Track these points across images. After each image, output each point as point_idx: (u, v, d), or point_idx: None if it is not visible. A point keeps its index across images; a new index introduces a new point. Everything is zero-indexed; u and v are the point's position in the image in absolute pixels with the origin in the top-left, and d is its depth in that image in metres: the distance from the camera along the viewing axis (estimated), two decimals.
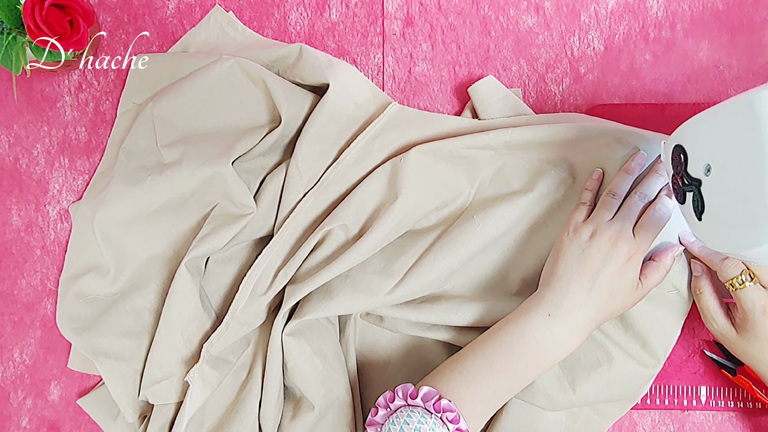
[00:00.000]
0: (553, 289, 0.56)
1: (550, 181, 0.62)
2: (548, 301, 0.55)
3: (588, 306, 0.55)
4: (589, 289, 0.55)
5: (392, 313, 0.62)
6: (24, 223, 0.68)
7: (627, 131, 0.61)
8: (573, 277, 0.55)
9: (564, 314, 0.54)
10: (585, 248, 0.56)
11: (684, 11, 0.68)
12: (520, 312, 0.56)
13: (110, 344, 0.63)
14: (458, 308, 0.61)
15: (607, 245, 0.55)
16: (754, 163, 0.43)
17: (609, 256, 0.55)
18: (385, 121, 0.65)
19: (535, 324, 0.55)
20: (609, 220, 0.57)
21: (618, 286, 0.55)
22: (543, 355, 0.55)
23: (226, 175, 0.61)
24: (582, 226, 0.57)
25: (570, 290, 0.55)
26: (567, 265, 0.56)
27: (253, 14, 0.69)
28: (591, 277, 0.55)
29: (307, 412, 0.61)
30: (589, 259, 0.55)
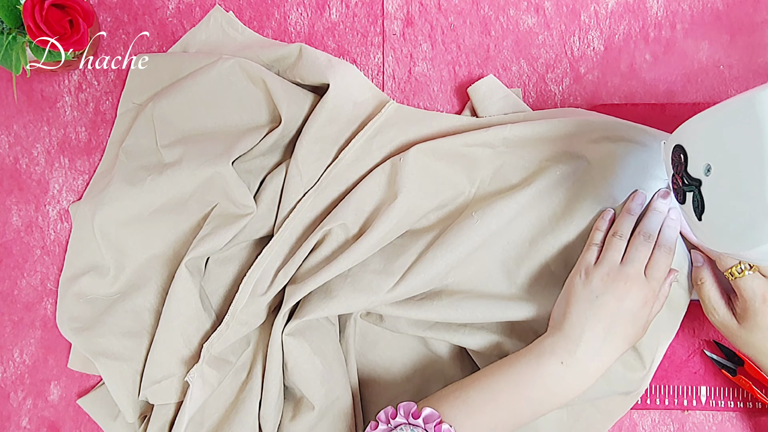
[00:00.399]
0: (566, 336, 0.54)
1: (550, 177, 0.61)
2: (561, 348, 0.54)
3: (602, 353, 0.54)
4: (604, 338, 0.54)
5: (392, 312, 0.62)
6: (24, 223, 0.68)
7: (625, 125, 0.61)
8: (587, 325, 0.54)
9: (577, 363, 0.54)
10: (599, 294, 0.55)
11: (684, 11, 0.68)
12: (532, 354, 0.55)
13: (110, 344, 0.63)
14: (458, 304, 0.61)
15: (621, 291, 0.54)
16: (754, 163, 0.43)
17: (624, 303, 0.54)
18: (383, 120, 0.65)
19: (547, 371, 0.54)
20: (620, 262, 0.56)
21: (632, 331, 0.55)
22: (551, 399, 0.54)
23: (226, 175, 0.61)
24: (594, 270, 0.56)
25: (584, 339, 0.54)
26: (581, 312, 0.55)
27: (253, 14, 0.69)
28: (606, 326, 0.54)
29: (307, 412, 0.61)
30: (603, 306, 0.54)
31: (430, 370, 0.65)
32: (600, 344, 0.54)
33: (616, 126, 0.61)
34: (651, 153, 0.60)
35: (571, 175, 0.62)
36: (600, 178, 0.61)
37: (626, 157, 0.60)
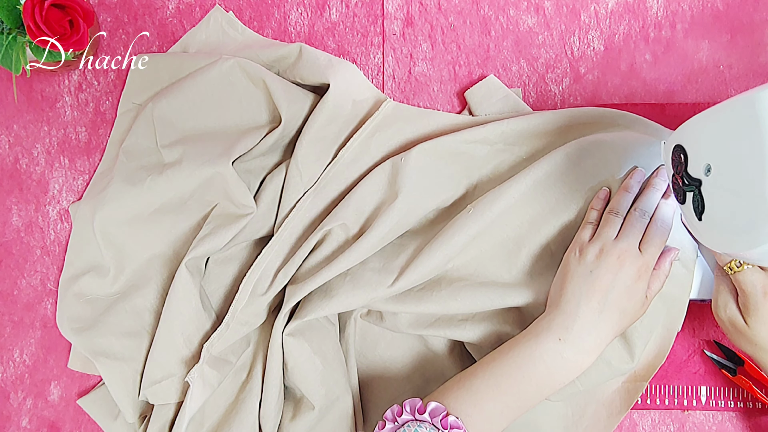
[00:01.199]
0: (563, 312, 0.55)
1: (547, 165, 0.61)
2: (558, 324, 0.55)
3: (599, 328, 0.54)
4: (600, 311, 0.54)
5: (392, 308, 0.61)
6: (24, 223, 0.68)
7: (621, 115, 0.62)
8: (582, 299, 0.55)
9: (574, 338, 0.54)
10: (593, 269, 0.55)
11: (684, 11, 0.68)
12: (530, 334, 0.56)
13: (110, 344, 0.63)
14: (458, 294, 0.60)
15: (615, 265, 0.55)
16: (754, 163, 0.43)
17: (618, 276, 0.55)
18: (381, 118, 0.66)
19: (545, 348, 0.54)
20: (614, 238, 0.56)
21: (628, 304, 0.55)
22: (552, 377, 0.54)
23: (226, 175, 0.61)
24: (588, 246, 0.57)
25: (580, 313, 0.54)
26: (576, 287, 0.55)
27: (253, 14, 0.69)
28: (601, 299, 0.54)
29: (308, 412, 0.61)
30: (597, 280, 0.55)
31: (430, 370, 0.65)
32: (596, 317, 0.54)
33: (613, 114, 0.62)
34: (648, 138, 0.61)
35: (568, 162, 0.61)
36: (599, 162, 0.60)
37: (624, 143, 0.60)
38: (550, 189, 0.61)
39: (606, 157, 0.60)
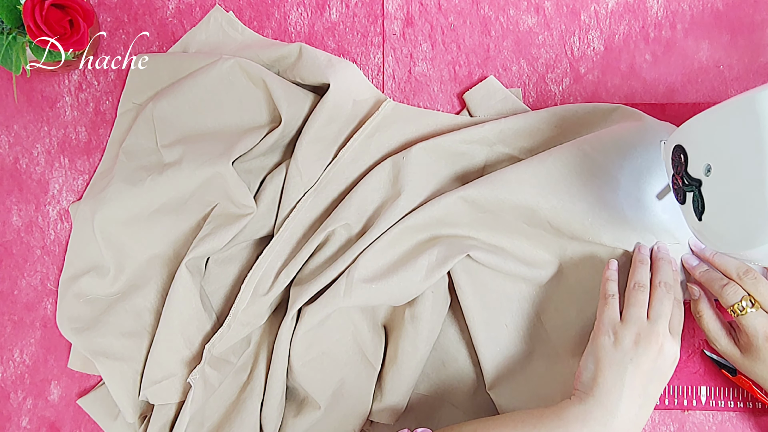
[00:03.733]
0: (602, 406, 0.51)
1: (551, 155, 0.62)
2: (596, 420, 0.50)
3: (637, 423, 0.51)
4: (640, 405, 0.51)
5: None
6: (24, 223, 0.68)
7: (614, 108, 0.62)
8: (624, 392, 0.51)
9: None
10: (633, 357, 0.52)
11: (684, 11, 0.68)
12: (561, 419, 0.51)
13: (110, 344, 0.63)
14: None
15: (655, 352, 0.52)
16: (754, 163, 0.43)
17: (658, 364, 0.52)
18: (381, 118, 0.66)
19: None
20: (646, 318, 0.54)
21: (660, 390, 0.53)
22: None
23: (226, 175, 0.61)
24: (623, 330, 0.53)
25: (621, 408, 0.51)
26: (615, 378, 0.51)
27: (253, 14, 0.69)
28: (642, 392, 0.51)
29: (313, 411, 0.61)
30: (638, 369, 0.51)
31: (442, 378, 0.65)
32: (636, 412, 0.51)
33: (607, 108, 0.63)
34: (643, 128, 0.61)
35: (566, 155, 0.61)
36: (599, 156, 0.60)
37: (620, 134, 0.61)
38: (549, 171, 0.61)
39: (605, 154, 0.60)
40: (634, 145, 0.60)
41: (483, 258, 0.59)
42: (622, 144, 0.60)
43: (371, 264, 0.60)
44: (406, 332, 0.61)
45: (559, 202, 0.59)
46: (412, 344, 0.61)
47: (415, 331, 0.61)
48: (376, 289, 0.59)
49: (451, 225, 0.61)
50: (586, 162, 0.60)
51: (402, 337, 0.61)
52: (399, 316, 0.63)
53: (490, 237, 0.61)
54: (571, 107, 0.64)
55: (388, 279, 0.59)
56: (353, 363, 0.62)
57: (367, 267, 0.60)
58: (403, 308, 0.62)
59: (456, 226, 0.61)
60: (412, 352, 0.61)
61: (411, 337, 0.61)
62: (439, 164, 0.64)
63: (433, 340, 0.62)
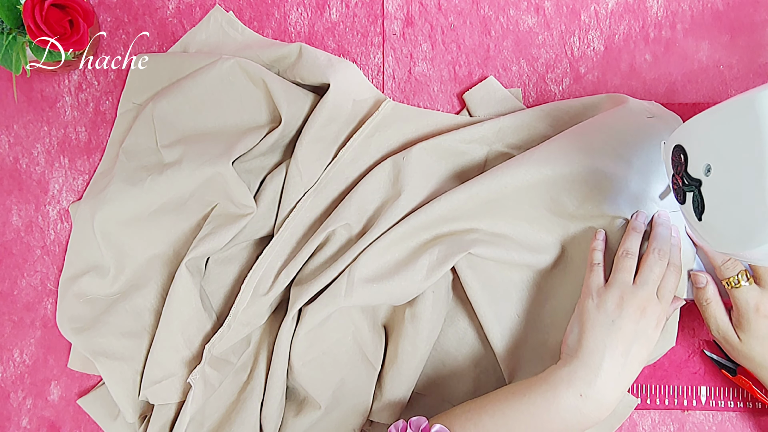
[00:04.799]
0: (585, 365, 0.52)
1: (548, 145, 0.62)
2: (580, 378, 0.52)
3: (620, 382, 0.52)
4: (623, 365, 0.52)
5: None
6: (24, 223, 0.68)
7: (609, 97, 0.63)
8: (606, 352, 0.52)
9: (596, 394, 0.52)
10: (615, 319, 0.53)
11: (684, 11, 0.68)
12: (548, 383, 0.53)
13: (110, 344, 0.63)
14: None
15: (637, 314, 0.53)
16: (754, 164, 0.43)
17: (641, 326, 0.53)
18: (380, 118, 0.66)
19: (565, 403, 0.52)
20: (632, 283, 0.55)
21: (645, 353, 0.54)
22: (567, 430, 0.53)
23: (226, 175, 0.61)
24: (606, 293, 0.55)
25: (603, 367, 0.52)
26: (598, 338, 0.53)
27: (253, 14, 0.69)
28: (624, 352, 0.52)
29: (313, 411, 0.61)
30: (620, 331, 0.53)
31: (442, 377, 0.65)
32: (619, 371, 0.52)
33: (603, 99, 0.64)
34: (637, 116, 0.62)
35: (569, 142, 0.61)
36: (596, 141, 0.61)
37: (617, 123, 0.61)
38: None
39: (604, 141, 0.60)
40: (641, 137, 0.60)
41: (485, 252, 0.59)
42: (628, 138, 0.60)
43: (372, 264, 0.60)
44: (406, 332, 0.61)
45: (563, 168, 0.59)
46: (412, 344, 0.61)
47: (415, 330, 0.61)
48: (377, 289, 0.59)
49: (452, 220, 0.61)
50: (590, 155, 0.60)
51: (402, 337, 0.61)
52: (399, 315, 0.63)
53: (492, 225, 0.61)
54: (569, 103, 0.65)
55: (389, 279, 0.59)
56: (353, 363, 0.62)
57: (368, 267, 0.60)
58: (403, 308, 0.62)
59: (457, 220, 0.61)
60: (413, 351, 0.61)
61: (411, 337, 0.61)
62: (440, 164, 0.64)
63: (434, 339, 0.62)
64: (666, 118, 0.62)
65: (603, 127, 0.61)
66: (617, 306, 0.54)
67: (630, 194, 0.60)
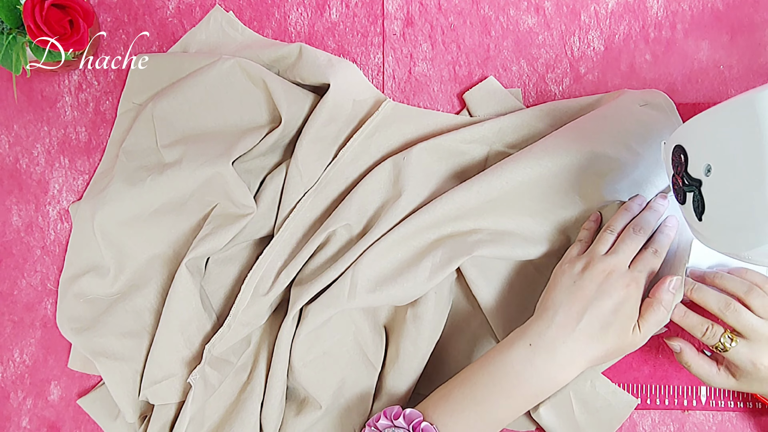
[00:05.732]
0: (539, 319, 0.53)
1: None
2: (532, 330, 0.53)
3: (575, 339, 0.51)
4: (578, 321, 0.52)
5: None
6: (24, 223, 0.68)
7: (608, 95, 0.63)
8: (561, 308, 0.53)
9: (546, 345, 0.52)
10: (576, 280, 0.54)
11: (684, 11, 0.68)
12: (506, 340, 0.54)
13: (110, 344, 0.63)
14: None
15: (600, 277, 0.53)
16: (754, 164, 0.43)
17: (603, 288, 0.52)
18: (380, 118, 0.66)
19: (515, 354, 0.52)
20: (604, 254, 0.55)
21: (614, 321, 0.52)
22: (523, 387, 0.52)
23: (226, 175, 0.61)
24: (576, 260, 0.56)
25: (556, 320, 0.52)
26: (557, 297, 0.54)
27: (253, 14, 0.69)
28: (581, 309, 0.52)
29: (313, 411, 0.61)
30: (580, 290, 0.53)
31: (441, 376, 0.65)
32: (572, 325, 0.52)
33: (602, 97, 0.64)
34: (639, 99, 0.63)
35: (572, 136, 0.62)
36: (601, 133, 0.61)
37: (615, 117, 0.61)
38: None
39: (607, 133, 0.60)
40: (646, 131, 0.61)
41: (489, 252, 0.59)
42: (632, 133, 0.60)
43: (375, 265, 0.60)
44: (407, 332, 0.61)
45: (562, 159, 0.60)
46: (413, 344, 0.61)
47: (416, 331, 0.61)
48: (380, 291, 0.59)
49: (454, 219, 0.61)
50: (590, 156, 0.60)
51: (403, 337, 0.61)
52: (401, 316, 0.63)
53: (494, 222, 0.61)
54: (569, 103, 0.65)
55: (392, 281, 0.59)
56: (354, 363, 0.62)
57: (370, 268, 0.60)
58: (405, 308, 0.62)
59: (459, 219, 0.61)
60: (414, 352, 0.61)
61: (413, 337, 0.61)
62: (440, 164, 0.64)
63: (435, 340, 0.62)
64: (658, 105, 0.63)
65: (597, 117, 0.62)
66: (582, 270, 0.54)
67: (630, 181, 0.60)
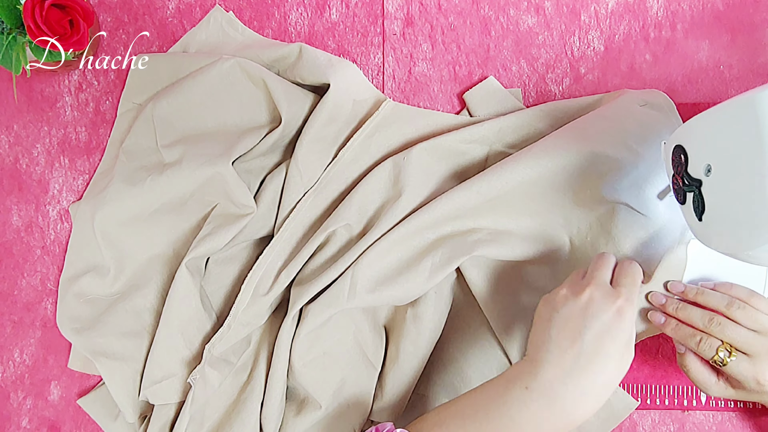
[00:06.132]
0: (531, 359, 0.49)
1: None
2: (527, 372, 0.48)
3: (575, 377, 0.47)
4: (576, 357, 0.47)
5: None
6: (24, 223, 0.68)
7: (608, 95, 0.63)
8: (551, 343, 0.48)
9: (542, 388, 0.47)
10: (559, 308, 0.50)
11: (684, 11, 0.68)
12: (502, 378, 0.50)
13: (110, 344, 0.63)
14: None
15: (583, 300, 0.49)
16: (755, 164, 0.43)
17: (589, 311, 0.49)
18: (380, 118, 0.66)
19: (511, 396, 0.48)
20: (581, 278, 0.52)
21: (613, 348, 0.48)
22: (517, 430, 0.48)
23: (226, 175, 0.61)
24: (556, 290, 0.53)
25: (547, 358, 0.48)
26: (543, 331, 0.50)
27: (253, 14, 0.69)
28: (572, 341, 0.48)
29: (313, 411, 0.61)
30: (567, 320, 0.49)
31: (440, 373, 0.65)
32: (570, 362, 0.47)
33: (602, 97, 0.64)
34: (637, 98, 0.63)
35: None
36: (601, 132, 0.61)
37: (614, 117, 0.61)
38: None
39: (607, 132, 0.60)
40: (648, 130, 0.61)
41: (489, 252, 0.59)
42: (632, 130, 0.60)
43: (375, 265, 0.60)
44: (407, 332, 0.61)
45: (562, 159, 0.59)
46: (413, 344, 0.61)
47: (416, 331, 0.61)
48: (380, 291, 0.59)
49: (454, 218, 0.61)
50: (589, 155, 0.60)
51: (404, 337, 0.61)
52: (401, 316, 0.63)
53: (494, 222, 0.61)
54: (569, 103, 0.65)
55: (392, 281, 0.59)
56: (354, 363, 0.63)
57: (370, 268, 0.60)
58: (405, 308, 0.62)
59: (459, 219, 0.61)
60: (414, 351, 0.61)
61: (413, 337, 0.61)
62: (440, 164, 0.64)
63: (435, 340, 0.62)
64: (658, 105, 0.63)
65: (597, 117, 0.62)
66: (563, 298, 0.51)
67: (630, 180, 0.60)
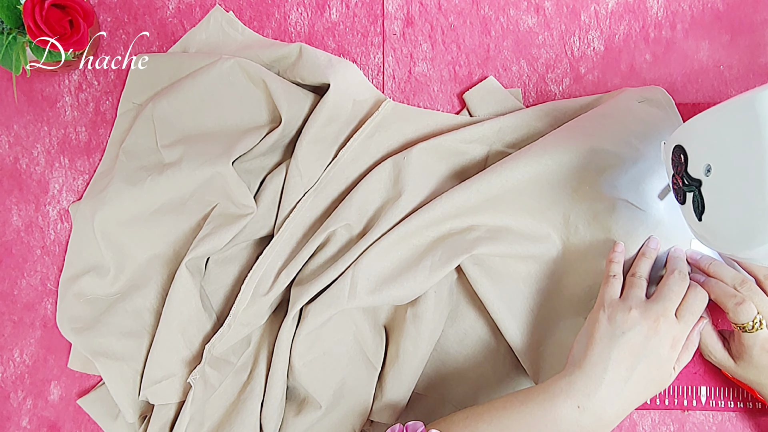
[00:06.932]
0: (586, 376, 0.50)
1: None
2: (579, 390, 0.50)
3: (622, 398, 0.50)
4: (626, 380, 0.50)
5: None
6: (24, 223, 0.68)
7: (608, 95, 0.63)
8: (610, 364, 0.50)
9: (595, 407, 0.49)
10: (625, 331, 0.51)
11: (684, 11, 0.68)
12: (547, 393, 0.51)
13: (110, 344, 0.63)
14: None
15: (649, 329, 0.51)
16: (754, 163, 0.43)
17: (651, 342, 0.51)
18: (380, 118, 0.66)
19: (562, 414, 0.50)
20: (646, 300, 0.54)
21: (656, 375, 0.51)
22: None
23: (226, 175, 0.61)
24: (618, 305, 0.53)
25: (605, 381, 0.50)
26: (603, 350, 0.51)
27: (253, 14, 0.69)
28: (629, 367, 0.50)
29: (313, 411, 0.61)
30: (628, 344, 0.51)
31: (446, 376, 0.65)
32: (621, 386, 0.50)
33: (601, 97, 0.65)
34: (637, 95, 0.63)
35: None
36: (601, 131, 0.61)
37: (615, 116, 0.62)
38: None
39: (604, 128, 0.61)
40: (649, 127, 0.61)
41: (489, 250, 0.59)
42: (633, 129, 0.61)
43: (375, 265, 0.60)
44: (407, 331, 0.61)
45: (561, 156, 0.60)
46: (413, 343, 0.61)
47: (416, 330, 0.61)
48: (380, 291, 0.59)
49: (454, 217, 0.61)
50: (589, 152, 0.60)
51: (403, 337, 0.61)
52: (401, 315, 0.63)
53: (493, 218, 0.61)
54: (569, 102, 0.65)
55: (392, 281, 0.59)
56: (354, 363, 0.63)
57: (371, 268, 0.60)
58: (404, 308, 0.62)
59: (459, 217, 0.61)
60: (414, 351, 0.61)
61: (413, 337, 0.61)
62: (440, 164, 0.64)
63: (435, 339, 0.62)
64: (657, 101, 0.63)
65: (596, 115, 0.62)
66: (629, 318, 0.52)
67: (629, 177, 0.60)
